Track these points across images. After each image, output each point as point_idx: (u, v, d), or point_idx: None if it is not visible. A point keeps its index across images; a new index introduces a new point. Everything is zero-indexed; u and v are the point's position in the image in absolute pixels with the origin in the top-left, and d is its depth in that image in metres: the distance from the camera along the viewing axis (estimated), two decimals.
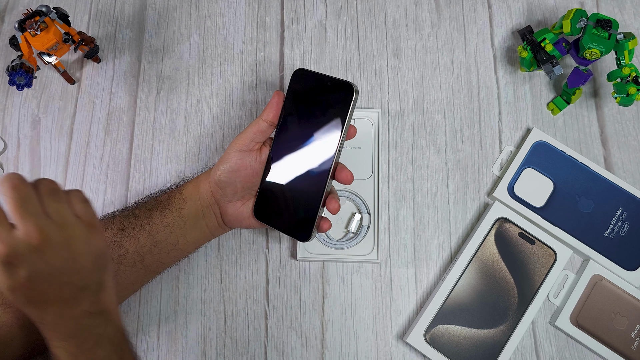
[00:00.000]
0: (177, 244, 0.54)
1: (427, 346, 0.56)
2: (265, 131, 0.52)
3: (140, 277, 0.54)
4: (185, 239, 0.54)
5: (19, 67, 0.59)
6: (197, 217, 0.54)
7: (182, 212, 0.53)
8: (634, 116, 0.66)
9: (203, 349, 0.58)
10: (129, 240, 0.52)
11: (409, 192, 0.63)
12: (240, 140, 0.51)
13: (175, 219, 0.53)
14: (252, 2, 0.70)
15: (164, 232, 0.53)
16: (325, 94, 0.50)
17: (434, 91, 0.66)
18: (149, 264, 0.53)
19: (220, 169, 0.52)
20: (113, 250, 0.51)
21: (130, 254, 0.52)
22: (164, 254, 0.54)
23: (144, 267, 0.53)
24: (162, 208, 0.53)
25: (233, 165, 0.51)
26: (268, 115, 0.51)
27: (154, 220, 0.52)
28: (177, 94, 0.66)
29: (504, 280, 0.59)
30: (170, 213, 0.53)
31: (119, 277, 0.52)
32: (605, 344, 0.57)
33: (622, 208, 0.61)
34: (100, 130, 0.64)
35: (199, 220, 0.54)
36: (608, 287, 0.59)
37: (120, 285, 0.53)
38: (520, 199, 0.61)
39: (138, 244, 0.52)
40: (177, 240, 0.54)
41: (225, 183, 0.52)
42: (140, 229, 0.52)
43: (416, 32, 0.69)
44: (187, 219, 0.53)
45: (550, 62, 0.62)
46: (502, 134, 0.65)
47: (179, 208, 0.53)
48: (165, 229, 0.53)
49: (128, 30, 0.68)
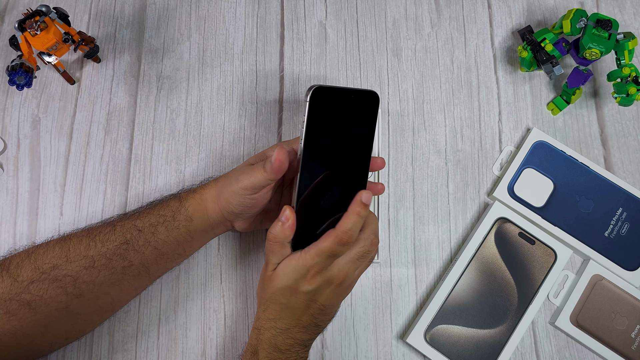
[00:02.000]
0: (183, 253, 0.54)
1: (427, 346, 0.56)
2: (267, 185, 0.49)
3: (144, 283, 0.54)
4: (192, 248, 0.55)
5: (18, 67, 0.59)
6: (205, 232, 0.54)
7: (190, 229, 0.52)
8: (634, 116, 0.66)
9: (203, 349, 0.58)
10: (133, 253, 0.51)
11: (409, 192, 0.63)
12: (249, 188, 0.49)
13: (182, 235, 0.52)
14: (252, 2, 0.70)
15: (170, 246, 0.52)
16: (349, 108, 0.47)
17: (434, 91, 0.66)
18: (154, 272, 0.53)
19: (233, 204, 0.50)
20: (116, 263, 0.50)
21: (134, 266, 0.51)
22: (170, 262, 0.54)
23: (149, 275, 0.53)
24: (168, 226, 0.52)
25: (248, 204, 0.50)
26: (272, 175, 0.48)
27: (160, 237, 0.51)
28: (177, 94, 0.66)
29: (504, 280, 0.59)
30: (177, 231, 0.52)
31: (123, 286, 0.52)
32: (605, 344, 0.57)
33: (622, 208, 0.61)
34: (100, 130, 0.64)
35: (207, 233, 0.54)
36: (608, 287, 0.59)
37: (124, 292, 0.53)
38: (520, 199, 0.61)
39: (143, 257, 0.51)
40: (184, 250, 0.54)
41: (238, 215, 0.52)
42: (145, 243, 0.51)
43: (416, 32, 0.69)
44: (194, 234, 0.53)
45: (550, 62, 0.62)
46: (502, 134, 0.65)
47: (187, 225, 0.52)
48: (172, 244, 0.52)
49: (128, 30, 0.68)
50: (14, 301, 0.47)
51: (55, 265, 0.49)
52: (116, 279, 0.51)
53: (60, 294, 0.49)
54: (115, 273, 0.50)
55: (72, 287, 0.49)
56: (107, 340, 0.57)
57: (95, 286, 0.50)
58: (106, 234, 0.51)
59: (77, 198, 0.62)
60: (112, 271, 0.50)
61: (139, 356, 0.57)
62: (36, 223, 0.61)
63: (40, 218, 0.61)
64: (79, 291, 0.49)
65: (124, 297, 0.54)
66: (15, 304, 0.47)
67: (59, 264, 0.49)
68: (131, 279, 0.52)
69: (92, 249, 0.50)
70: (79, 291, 0.49)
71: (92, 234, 0.51)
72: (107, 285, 0.50)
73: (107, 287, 0.51)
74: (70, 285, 0.49)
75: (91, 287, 0.50)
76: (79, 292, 0.49)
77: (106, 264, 0.50)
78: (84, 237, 0.51)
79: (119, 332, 0.58)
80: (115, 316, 0.58)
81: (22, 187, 0.62)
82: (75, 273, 0.49)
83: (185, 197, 0.53)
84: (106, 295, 0.51)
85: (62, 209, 0.61)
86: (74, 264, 0.49)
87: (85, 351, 0.57)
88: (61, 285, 0.49)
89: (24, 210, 0.61)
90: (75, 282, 0.49)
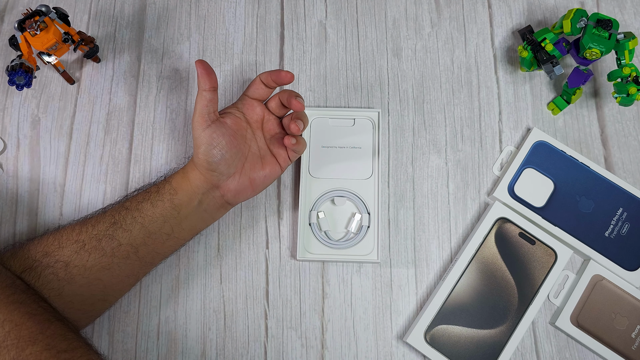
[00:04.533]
0: (172, 233, 0.54)
1: (427, 346, 0.56)
2: (212, 99, 0.52)
3: (136, 269, 0.54)
4: (181, 227, 0.54)
5: (18, 67, 0.59)
6: (192, 206, 0.54)
7: (174, 202, 0.53)
8: (634, 116, 0.66)
9: (203, 349, 0.57)
10: (121, 232, 0.52)
11: (409, 192, 0.63)
12: (199, 120, 0.52)
13: (167, 209, 0.53)
14: (252, 2, 0.70)
15: (157, 223, 0.53)
16: None
17: (434, 91, 0.66)
18: (143, 255, 0.53)
19: (202, 152, 0.52)
20: (106, 244, 0.51)
21: (123, 246, 0.52)
22: (159, 244, 0.54)
23: (139, 259, 0.53)
24: (153, 200, 0.53)
25: (209, 141, 0.52)
26: (205, 84, 0.51)
27: (146, 212, 0.53)
28: (177, 93, 0.66)
29: (504, 280, 0.59)
30: (162, 204, 0.53)
31: (113, 270, 0.52)
32: (606, 344, 0.57)
33: (622, 208, 0.61)
34: (100, 130, 0.64)
35: (194, 208, 0.54)
36: (608, 287, 0.59)
37: (116, 279, 0.53)
38: (521, 199, 0.61)
39: (131, 235, 0.52)
40: (171, 229, 0.54)
41: (214, 162, 0.52)
42: (132, 220, 0.52)
43: (416, 31, 0.69)
44: (180, 208, 0.53)
45: (550, 62, 0.62)
46: (503, 133, 0.65)
47: (171, 198, 0.53)
48: (158, 220, 0.53)
49: (128, 30, 0.68)
50: None
51: (48, 252, 0.51)
52: (106, 263, 0.51)
53: (52, 280, 0.50)
54: (104, 255, 0.51)
55: (64, 272, 0.50)
56: (106, 340, 0.57)
57: (86, 270, 0.51)
58: (97, 218, 0.53)
59: (76, 198, 0.62)
60: (101, 253, 0.51)
61: (138, 356, 0.57)
62: (36, 223, 0.61)
63: (40, 218, 0.61)
64: (70, 276, 0.50)
65: (116, 285, 0.54)
66: None
67: (51, 251, 0.51)
68: (121, 261, 0.52)
69: (84, 233, 0.52)
70: (70, 276, 0.50)
71: (85, 220, 0.53)
72: (98, 269, 0.51)
73: (98, 272, 0.51)
74: (61, 270, 0.50)
75: (82, 272, 0.51)
76: (70, 277, 0.50)
77: (96, 246, 0.51)
78: (77, 225, 0.53)
79: (118, 332, 0.58)
80: (115, 316, 0.58)
81: (21, 187, 0.62)
82: (66, 258, 0.50)
83: (170, 175, 0.55)
84: (98, 281, 0.52)
85: (62, 209, 0.61)
86: (66, 249, 0.51)
87: None
88: (53, 271, 0.50)
89: (23, 210, 0.61)
90: (67, 267, 0.50)
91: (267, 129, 0.58)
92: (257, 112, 0.57)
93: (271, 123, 0.58)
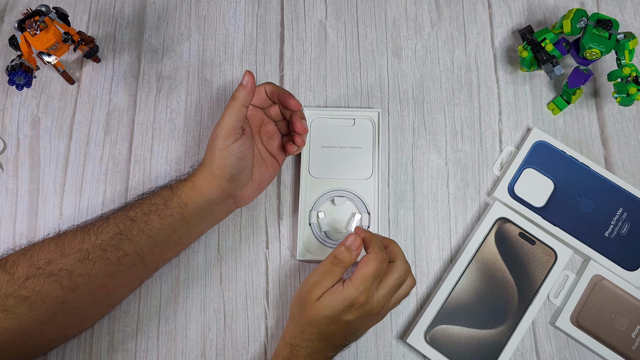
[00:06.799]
0: (180, 241, 0.54)
1: (427, 346, 0.56)
2: (245, 115, 0.52)
3: (140, 275, 0.54)
4: (189, 235, 0.55)
5: (18, 66, 0.58)
6: (202, 215, 0.54)
7: (184, 215, 0.53)
8: (634, 116, 0.66)
9: (203, 349, 0.57)
10: (127, 243, 0.51)
11: (409, 192, 0.63)
12: (229, 133, 0.51)
13: (177, 221, 0.53)
14: (252, 2, 0.70)
15: (165, 234, 0.52)
16: None
17: (434, 91, 0.66)
18: (149, 262, 0.53)
19: (228, 164, 0.51)
20: (111, 253, 0.51)
21: (129, 255, 0.51)
22: (166, 251, 0.54)
23: (145, 266, 0.53)
24: (161, 213, 0.52)
25: (239, 154, 0.51)
26: (247, 100, 0.51)
27: (153, 225, 0.52)
28: (177, 93, 0.66)
29: (504, 280, 0.59)
30: (171, 217, 0.52)
31: (118, 277, 0.52)
32: (606, 344, 0.57)
33: (622, 208, 0.61)
34: (100, 130, 0.64)
35: (204, 217, 0.54)
36: (608, 287, 0.59)
37: (120, 284, 0.53)
38: (521, 199, 0.61)
39: (137, 246, 0.52)
40: (180, 238, 0.54)
41: (237, 175, 0.52)
42: (138, 232, 0.51)
43: (416, 31, 0.69)
44: (190, 219, 0.53)
45: (550, 62, 0.62)
46: (503, 134, 0.65)
47: (181, 212, 0.53)
48: (167, 231, 0.52)
49: (128, 30, 0.68)
50: (10, 298, 0.48)
51: (51, 260, 0.50)
52: (111, 271, 0.51)
53: (55, 288, 0.49)
54: (110, 264, 0.51)
55: (68, 281, 0.49)
56: (107, 340, 0.57)
57: (91, 279, 0.50)
58: (100, 227, 0.52)
59: (76, 198, 0.62)
60: (107, 262, 0.50)
61: (138, 356, 0.57)
62: (36, 223, 0.61)
63: (40, 218, 0.61)
64: (75, 284, 0.50)
65: (120, 290, 0.54)
66: (12, 300, 0.48)
67: (54, 259, 0.50)
68: (126, 269, 0.52)
69: (87, 241, 0.51)
70: (75, 284, 0.50)
71: (86, 228, 0.52)
72: (103, 277, 0.51)
73: (103, 279, 0.51)
74: (65, 279, 0.49)
75: (86, 280, 0.50)
76: (75, 285, 0.50)
77: (101, 255, 0.50)
78: (78, 231, 0.52)
79: (118, 332, 0.58)
80: (115, 316, 0.58)
81: (21, 187, 0.62)
82: (70, 267, 0.50)
83: (176, 186, 0.54)
84: (102, 288, 0.52)
85: (62, 209, 0.61)
86: (69, 257, 0.50)
87: (85, 351, 0.57)
88: (57, 279, 0.49)
89: (23, 210, 0.61)
90: (71, 276, 0.49)
91: (264, 131, 0.58)
92: (259, 117, 0.58)
93: (269, 125, 0.59)
